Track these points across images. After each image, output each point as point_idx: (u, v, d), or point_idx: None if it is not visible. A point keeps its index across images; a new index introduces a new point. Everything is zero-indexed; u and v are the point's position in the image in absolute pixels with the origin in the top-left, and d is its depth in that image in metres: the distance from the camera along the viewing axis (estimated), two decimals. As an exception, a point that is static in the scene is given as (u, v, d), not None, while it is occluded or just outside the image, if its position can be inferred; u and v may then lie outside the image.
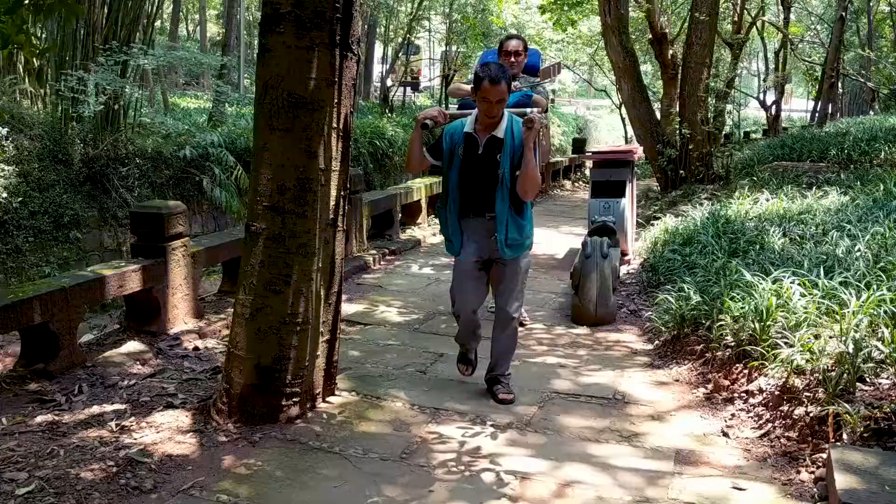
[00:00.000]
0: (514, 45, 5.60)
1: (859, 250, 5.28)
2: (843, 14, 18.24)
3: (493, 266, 4.25)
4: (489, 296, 4.49)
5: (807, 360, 3.86)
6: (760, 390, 4.09)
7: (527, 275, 4.36)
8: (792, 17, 24.63)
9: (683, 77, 12.44)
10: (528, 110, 4.38)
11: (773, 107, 23.57)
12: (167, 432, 3.74)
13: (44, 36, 10.46)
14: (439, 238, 8.31)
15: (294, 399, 3.91)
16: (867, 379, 3.67)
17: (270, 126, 3.70)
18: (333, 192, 3.90)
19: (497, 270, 4.26)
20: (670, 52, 14.38)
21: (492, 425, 4.01)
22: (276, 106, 3.67)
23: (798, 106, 39.15)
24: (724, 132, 16.19)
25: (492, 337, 4.39)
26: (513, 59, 5.50)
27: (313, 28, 3.61)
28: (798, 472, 3.43)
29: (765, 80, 25.85)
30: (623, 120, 17.79)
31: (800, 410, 3.72)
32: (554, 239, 10.05)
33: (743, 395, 4.20)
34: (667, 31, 15.29)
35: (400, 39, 23.53)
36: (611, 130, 28.84)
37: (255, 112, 3.85)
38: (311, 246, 3.79)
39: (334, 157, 3.85)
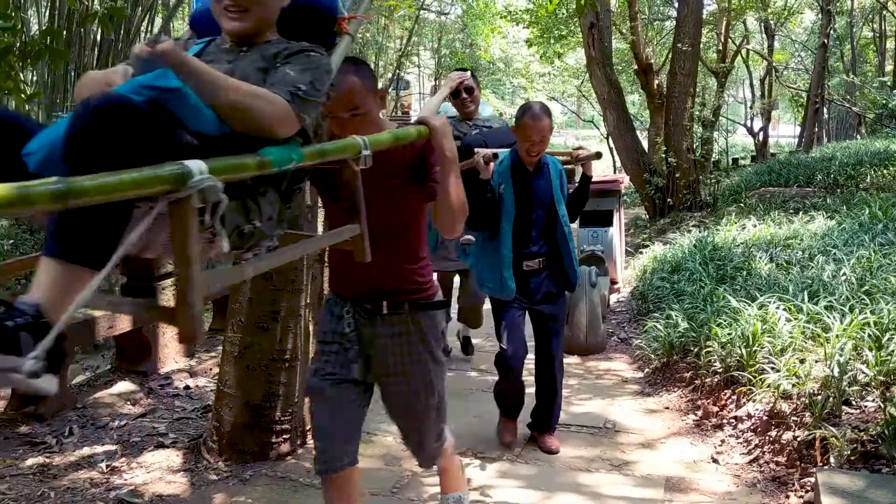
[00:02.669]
0: None
1: (844, 274, 5.32)
2: (826, 41, 18.51)
3: None
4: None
5: (793, 385, 3.88)
6: (749, 416, 4.11)
7: None
8: (776, 44, 24.98)
9: (668, 106, 12.59)
10: None
11: (761, 133, 23.81)
12: (158, 472, 3.74)
13: (34, 79, 10.55)
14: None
15: (284, 436, 3.91)
16: (853, 402, 3.69)
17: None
18: (320, 229, 3.95)
19: None
20: (656, 81, 14.57)
21: (482, 457, 4.02)
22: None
23: (786, 132, 39.45)
24: (712, 159, 16.37)
25: None
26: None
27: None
28: (787, 497, 3.44)
29: (751, 107, 26.10)
30: (611, 150, 17.95)
31: (788, 435, 3.74)
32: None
33: (732, 420, 4.22)
34: (652, 61, 15.52)
35: (389, 75, 23.79)
36: (600, 160, 29.04)
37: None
38: (299, 282, 3.83)
39: (320, 194, 3.90)
